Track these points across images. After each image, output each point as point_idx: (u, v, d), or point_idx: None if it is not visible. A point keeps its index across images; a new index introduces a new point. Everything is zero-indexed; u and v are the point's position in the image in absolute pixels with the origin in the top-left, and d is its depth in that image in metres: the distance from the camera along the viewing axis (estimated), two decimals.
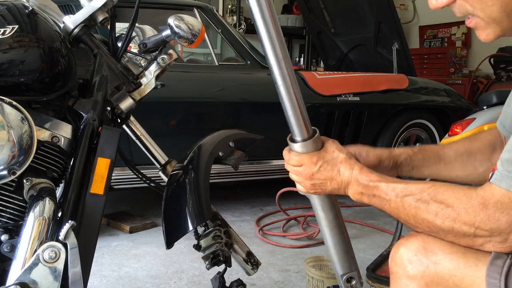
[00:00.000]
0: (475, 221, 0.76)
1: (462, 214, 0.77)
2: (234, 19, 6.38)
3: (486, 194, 0.76)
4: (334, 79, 3.61)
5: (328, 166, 0.95)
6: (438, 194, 0.81)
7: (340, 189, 0.96)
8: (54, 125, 1.15)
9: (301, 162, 0.97)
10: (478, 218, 0.76)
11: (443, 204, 0.80)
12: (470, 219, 0.77)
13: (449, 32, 6.99)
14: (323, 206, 1.02)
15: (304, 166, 0.97)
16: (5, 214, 1.10)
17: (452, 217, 0.78)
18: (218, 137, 1.47)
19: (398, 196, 0.86)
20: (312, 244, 2.76)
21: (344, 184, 0.95)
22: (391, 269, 0.90)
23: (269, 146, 3.33)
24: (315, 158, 0.96)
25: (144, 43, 1.30)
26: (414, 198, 0.83)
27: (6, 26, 1.06)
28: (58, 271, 0.99)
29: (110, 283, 2.20)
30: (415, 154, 1.09)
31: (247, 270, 1.54)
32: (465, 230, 0.78)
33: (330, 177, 0.95)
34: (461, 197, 0.78)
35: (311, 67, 6.89)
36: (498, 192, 0.75)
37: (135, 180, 2.69)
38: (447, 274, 0.82)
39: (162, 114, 2.96)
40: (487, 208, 0.75)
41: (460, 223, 0.78)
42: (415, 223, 0.85)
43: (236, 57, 3.42)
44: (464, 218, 0.77)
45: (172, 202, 1.34)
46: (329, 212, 1.03)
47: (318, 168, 0.95)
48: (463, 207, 0.77)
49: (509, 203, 0.74)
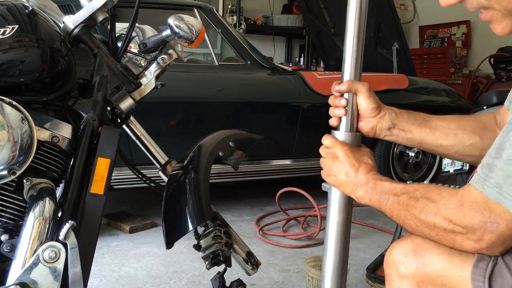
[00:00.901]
0: (452, 218, 0.80)
1: (441, 210, 0.82)
2: (234, 19, 6.38)
3: (464, 193, 0.80)
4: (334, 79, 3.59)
5: (352, 159, 1.01)
6: (428, 192, 0.86)
7: (350, 185, 1.01)
8: (54, 125, 1.15)
9: (334, 144, 1.05)
10: (455, 214, 0.80)
11: (428, 200, 0.85)
12: (448, 214, 0.81)
13: (449, 32, 6.99)
14: (339, 203, 1.07)
15: (334, 149, 1.04)
16: (5, 214, 1.10)
17: (434, 212, 0.83)
18: (218, 137, 1.47)
19: (396, 194, 0.91)
20: (312, 244, 2.76)
21: (355, 181, 1.00)
22: (385, 271, 0.94)
23: (269, 146, 3.34)
24: (346, 146, 1.04)
25: (144, 43, 1.30)
26: (409, 195, 0.89)
27: (6, 26, 1.06)
28: (58, 271, 0.99)
29: (110, 283, 2.20)
30: (401, 112, 1.12)
31: (247, 270, 1.54)
32: (444, 226, 0.82)
33: (348, 169, 1.01)
34: (444, 194, 0.83)
35: (311, 67, 6.88)
36: (474, 192, 0.79)
37: (135, 180, 2.69)
38: (435, 275, 0.86)
39: (162, 114, 2.96)
40: (463, 206, 0.80)
41: (440, 218, 0.82)
42: (405, 220, 0.89)
43: (236, 57, 3.42)
44: (443, 213, 0.82)
45: (172, 202, 1.34)
46: (342, 212, 1.07)
47: (344, 154, 1.02)
48: (444, 203, 0.82)
49: (482, 203, 0.78)
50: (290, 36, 7.19)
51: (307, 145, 3.43)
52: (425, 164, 3.90)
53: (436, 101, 3.91)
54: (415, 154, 3.81)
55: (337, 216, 1.08)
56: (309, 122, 3.37)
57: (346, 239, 1.09)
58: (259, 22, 6.72)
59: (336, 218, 1.08)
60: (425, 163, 3.90)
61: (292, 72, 3.54)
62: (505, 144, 0.76)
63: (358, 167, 1.01)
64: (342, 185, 1.03)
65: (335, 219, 1.08)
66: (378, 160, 3.64)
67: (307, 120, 3.33)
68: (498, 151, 0.77)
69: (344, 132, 1.08)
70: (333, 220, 1.08)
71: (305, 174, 3.54)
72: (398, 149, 3.75)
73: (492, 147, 0.79)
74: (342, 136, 1.07)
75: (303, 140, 3.38)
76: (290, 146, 3.36)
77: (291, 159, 3.42)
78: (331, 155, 1.05)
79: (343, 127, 1.09)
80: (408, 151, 3.81)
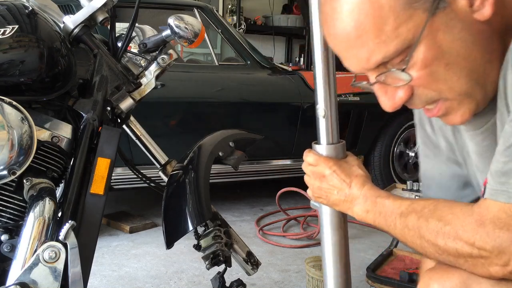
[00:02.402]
0: (475, 240, 0.68)
1: (460, 232, 0.70)
2: (234, 19, 6.38)
3: (481, 210, 0.68)
4: None
5: (341, 175, 0.91)
6: (437, 210, 0.74)
7: (345, 203, 0.90)
8: (54, 125, 1.15)
9: (317, 162, 0.94)
10: (478, 236, 0.68)
11: (441, 221, 0.72)
12: (469, 237, 0.69)
13: None
14: (332, 222, 0.97)
15: (318, 166, 0.94)
16: (5, 214, 1.10)
17: (452, 236, 0.71)
18: (218, 137, 1.47)
19: (403, 215, 0.79)
20: (312, 244, 2.76)
21: (351, 198, 0.89)
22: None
23: (269, 146, 3.34)
24: (332, 162, 0.93)
25: (144, 43, 1.30)
26: (417, 215, 0.76)
27: (6, 26, 1.06)
28: (58, 271, 0.99)
29: (110, 283, 2.20)
30: None
31: (247, 270, 1.54)
32: (468, 251, 0.69)
33: (339, 186, 0.91)
34: (458, 213, 0.71)
35: (311, 67, 6.88)
36: (493, 207, 0.67)
37: (135, 180, 2.68)
38: None
39: (162, 114, 2.96)
40: (485, 225, 0.67)
41: (461, 242, 0.70)
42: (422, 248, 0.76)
43: (236, 57, 3.42)
44: (463, 237, 0.69)
45: (172, 202, 1.34)
46: (336, 232, 0.98)
47: (331, 172, 0.91)
48: (461, 224, 0.70)
49: (507, 218, 0.66)
50: (290, 36, 7.18)
51: (307, 145, 3.40)
52: None
53: None
54: (415, 154, 3.81)
55: (331, 237, 0.98)
56: (309, 122, 3.36)
57: (346, 261, 0.99)
58: (259, 22, 6.72)
59: (331, 240, 0.98)
60: None
61: (292, 72, 3.53)
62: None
63: (350, 182, 0.90)
64: (336, 205, 0.93)
65: (329, 241, 0.98)
66: (378, 160, 3.64)
67: (307, 120, 3.33)
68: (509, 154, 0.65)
69: (326, 145, 0.96)
70: (328, 241, 0.98)
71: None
72: (398, 149, 3.75)
73: (498, 151, 0.67)
74: (325, 150, 0.96)
75: (303, 140, 3.37)
76: (290, 146, 3.36)
77: (291, 159, 3.42)
78: (317, 175, 0.93)
79: (324, 139, 0.97)
80: (408, 151, 3.81)
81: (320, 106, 0.96)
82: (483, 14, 0.66)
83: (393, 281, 1.92)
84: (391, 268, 2.09)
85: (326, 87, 0.95)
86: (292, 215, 3.21)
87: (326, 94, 0.96)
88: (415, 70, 0.68)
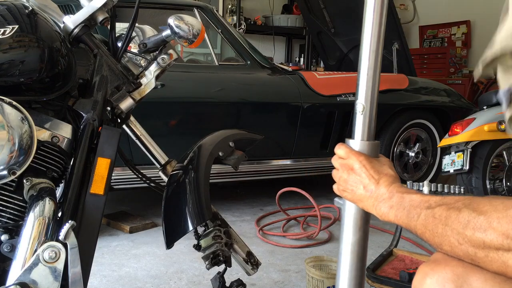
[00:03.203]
0: (509, 231, 0.66)
1: (494, 223, 0.68)
2: (234, 19, 6.38)
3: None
4: (334, 79, 3.61)
5: (371, 170, 0.90)
6: (474, 202, 0.72)
7: (370, 199, 0.89)
8: (54, 125, 1.15)
9: (348, 155, 0.93)
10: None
11: (476, 212, 0.70)
12: (503, 229, 0.67)
13: (449, 32, 6.99)
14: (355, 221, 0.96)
15: (349, 159, 0.93)
16: (5, 214, 1.10)
17: (484, 227, 0.69)
18: (218, 137, 1.47)
19: (430, 207, 0.77)
20: (312, 244, 2.76)
21: (376, 195, 0.88)
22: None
23: (269, 146, 3.34)
24: (363, 157, 0.92)
25: (144, 43, 1.30)
26: (447, 207, 0.75)
27: (6, 26, 1.06)
28: (58, 271, 0.99)
29: (110, 283, 2.20)
30: None
31: (247, 270, 1.54)
32: (497, 243, 0.67)
33: (366, 182, 0.90)
34: (498, 205, 0.69)
35: (311, 67, 6.88)
36: None
37: (135, 180, 2.69)
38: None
39: (162, 114, 2.96)
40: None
41: (492, 233, 0.68)
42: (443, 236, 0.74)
43: (236, 57, 3.42)
44: (496, 227, 0.67)
45: (172, 202, 1.34)
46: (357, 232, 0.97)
47: (361, 166, 0.91)
48: (497, 216, 0.68)
49: None
50: (290, 36, 7.19)
51: (307, 145, 3.43)
52: (425, 164, 3.90)
53: (436, 101, 3.91)
54: (415, 154, 3.81)
55: (352, 236, 0.96)
56: (309, 122, 3.37)
57: (363, 262, 0.97)
58: (259, 22, 6.72)
59: (351, 239, 0.96)
60: (425, 163, 3.90)
61: (292, 72, 3.54)
62: None
63: (379, 179, 0.89)
64: (361, 200, 0.91)
65: (349, 240, 0.96)
66: None
67: (307, 120, 3.33)
68: None
69: (360, 141, 0.95)
70: (347, 240, 0.97)
71: (305, 174, 3.54)
72: (398, 149, 3.75)
73: None
74: (358, 145, 0.95)
75: (303, 140, 3.38)
76: (290, 146, 3.36)
77: (291, 159, 3.42)
78: (346, 167, 0.93)
79: (359, 135, 0.96)
80: (408, 151, 3.81)
81: (359, 102, 0.95)
82: None
83: (393, 281, 1.92)
84: (391, 268, 2.09)
85: (369, 84, 0.94)
86: (292, 215, 3.21)
87: (368, 91, 0.95)
88: None
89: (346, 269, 0.97)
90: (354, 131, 0.97)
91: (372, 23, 0.94)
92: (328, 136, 3.45)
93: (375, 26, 0.94)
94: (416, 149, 3.82)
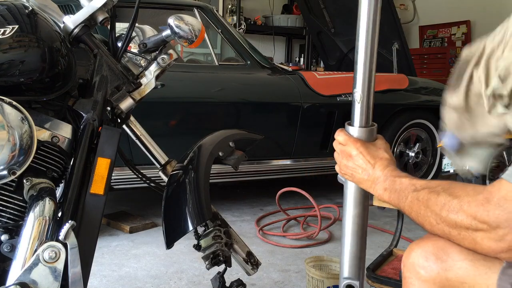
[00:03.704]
0: (477, 214, 0.76)
1: (464, 206, 0.78)
2: (234, 19, 6.38)
3: (493, 189, 0.76)
4: (334, 79, 3.61)
5: (367, 156, 0.99)
6: (451, 187, 0.82)
7: (368, 182, 0.99)
8: (54, 125, 1.15)
9: (346, 142, 1.02)
10: (479, 212, 0.76)
11: (451, 196, 0.81)
12: (472, 211, 0.77)
13: (449, 32, 6.99)
14: (355, 197, 1.06)
15: (347, 146, 1.02)
16: (5, 214, 1.10)
17: (456, 209, 0.79)
18: (218, 137, 1.47)
19: (416, 190, 0.88)
20: (312, 244, 2.76)
21: (373, 178, 0.98)
22: (403, 273, 0.92)
23: (269, 146, 3.34)
24: (359, 143, 1.01)
25: (144, 43, 1.30)
26: (429, 190, 0.85)
27: (6, 26, 1.06)
28: (58, 271, 0.99)
29: (110, 283, 2.20)
30: None
31: (247, 270, 1.54)
32: (466, 223, 0.78)
33: (363, 166, 0.99)
34: (469, 191, 0.79)
35: (311, 67, 6.88)
36: (505, 187, 0.74)
37: (135, 180, 2.69)
38: (457, 281, 0.83)
39: (162, 114, 2.96)
40: (490, 202, 0.75)
41: (463, 215, 0.78)
42: (424, 217, 0.85)
43: (236, 57, 3.42)
44: (466, 210, 0.77)
45: (172, 202, 1.34)
46: (357, 206, 1.07)
47: (358, 153, 1.00)
48: (468, 200, 0.78)
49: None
50: (290, 36, 7.19)
51: (307, 145, 3.43)
52: (425, 164, 3.90)
53: (436, 101, 3.91)
54: (415, 154, 3.81)
55: (353, 210, 1.07)
56: (309, 122, 3.37)
57: (363, 233, 1.08)
58: (259, 22, 6.72)
59: (352, 212, 1.07)
60: (425, 163, 3.90)
61: (292, 72, 3.54)
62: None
63: (374, 164, 0.98)
64: (360, 183, 1.01)
65: (351, 213, 1.07)
66: None
67: (307, 120, 3.33)
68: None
69: (358, 128, 1.04)
70: (349, 214, 1.07)
71: (305, 174, 3.54)
72: (398, 149, 3.75)
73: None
74: (356, 132, 1.04)
75: (303, 140, 3.38)
76: (290, 146, 3.36)
77: (291, 159, 3.42)
78: (344, 154, 1.02)
79: (357, 122, 1.04)
80: (408, 151, 3.81)
81: (357, 91, 1.03)
82: None
83: (393, 281, 1.92)
84: (391, 268, 2.09)
85: (366, 74, 1.02)
86: (292, 215, 3.21)
87: (365, 81, 1.02)
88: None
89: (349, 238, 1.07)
90: (352, 118, 1.05)
91: (368, 14, 1.01)
92: (328, 136, 3.44)
93: (370, 19, 1.01)
94: (416, 149, 3.82)
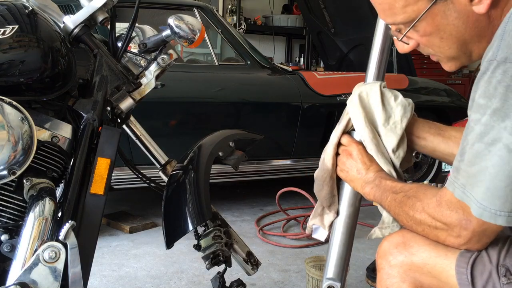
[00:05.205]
0: (434, 215, 0.89)
1: (425, 207, 0.91)
2: (234, 19, 6.38)
3: (442, 194, 0.89)
4: (334, 79, 3.61)
5: (364, 159, 1.10)
6: (418, 191, 0.95)
7: (359, 181, 1.09)
8: (54, 125, 1.15)
9: (349, 143, 1.13)
10: (435, 212, 0.89)
11: (416, 198, 0.94)
12: (430, 212, 0.90)
13: None
14: (349, 197, 1.15)
15: (349, 147, 1.13)
16: (5, 214, 1.10)
17: (420, 209, 0.92)
18: (218, 137, 1.47)
19: (395, 192, 1.00)
20: (312, 244, 2.76)
21: (365, 178, 1.08)
22: (377, 261, 1.03)
23: (269, 146, 3.34)
24: (361, 146, 1.11)
25: (144, 43, 1.30)
26: (404, 194, 0.98)
27: (6, 26, 1.06)
28: (58, 271, 0.99)
29: (110, 283, 2.20)
30: (417, 120, 1.18)
31: (247, 270, 1.54)
32: (428, 222, 0.91)
33: (359, 167, 1.10)
34: (428, 194, 0.92)
35: (311, 67, 6.88)
36: (448, 193, 0.87)
37: (135, 180, 2.68)
38: (421, 263, 0.94)
39: (162, 114, 2.96)
40: (441, 205, 0.88)
41: (424, 215, 0.91)
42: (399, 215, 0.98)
43: (236, 57, 3.42)
44: (427, 210, 0.91)
45: (172, 202, 1.34)
46: (349, 207, 1.16)
47: (357, 153, 1.10)
48: (427, 201, 0.91)
49: (455, 203, 0.85)
50: (290, 36, 7.19)
51: (307, 145, 3.43)
52: (425, 164, 3.90)
53: (436, 101, 3.91)
54: (415, 154, 3.80)
55: (346, 209, 1.15)
56: (309, 122, 3.36)
57: (351, 234, 1.17)
58: (259, 22, 6.72)
59: (345, 212, 1.15)
60: (425, 163, 3.90)
61: (292, 72, 3.53)
62: (465, 148, 0.83)
63: (369, 166, 1.08)
64: (352, 181, 1.11)
65: (344, 212, 1.16)
66: None
67: (307, 120, 3.33)
68: (461, 154, 0.84)
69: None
70: (342, 213, 1.16)
71: (305, 174, 3.54)
72: None
73: (458, 151, 0.86)
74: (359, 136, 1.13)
75: (303, 140, 3.38)
76: (290, 146, 3.36)
77: (291, 159, 3.42)
78: (346, 152, 1.13)
79: None
80: None
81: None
82: (479, 9, 0.85)
83: None
84: None
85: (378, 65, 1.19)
86: (292, 215, 3.21)
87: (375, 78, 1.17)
88: (418, 35, 0.93)
89: (339, 235, 1.15)
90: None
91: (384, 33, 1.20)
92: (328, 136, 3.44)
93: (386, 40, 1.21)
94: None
